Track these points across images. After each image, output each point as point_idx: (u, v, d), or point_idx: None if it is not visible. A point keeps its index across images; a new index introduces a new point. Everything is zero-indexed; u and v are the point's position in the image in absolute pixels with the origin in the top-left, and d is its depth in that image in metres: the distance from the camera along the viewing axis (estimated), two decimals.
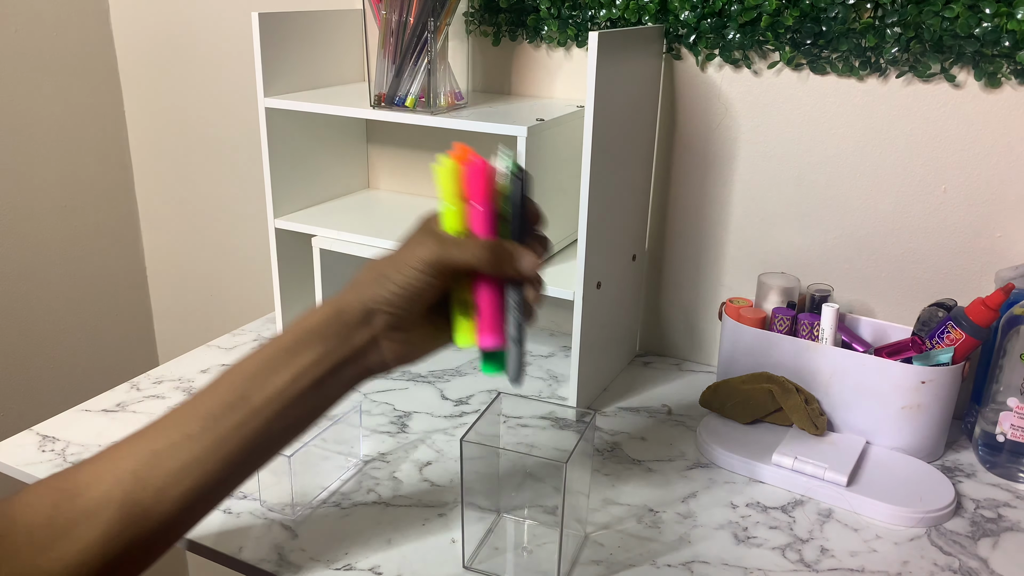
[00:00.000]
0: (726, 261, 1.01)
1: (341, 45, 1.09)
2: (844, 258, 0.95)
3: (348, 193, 1.17)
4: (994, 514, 0.76)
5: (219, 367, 1.01)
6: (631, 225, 0.96)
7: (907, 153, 0.88)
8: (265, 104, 0.98)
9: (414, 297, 0.56)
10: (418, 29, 0.89)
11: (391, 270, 0.56)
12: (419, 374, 1.01)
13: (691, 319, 1.06)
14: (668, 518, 0.75)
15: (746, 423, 0.87)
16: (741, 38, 0.90)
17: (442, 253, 0.56)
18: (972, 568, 0.69)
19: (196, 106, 1.33)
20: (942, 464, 0.84)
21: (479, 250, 0.56)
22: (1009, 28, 0.78)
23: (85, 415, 0.90)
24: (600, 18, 0.96)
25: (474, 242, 0.56)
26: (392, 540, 0.71)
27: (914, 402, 0.80)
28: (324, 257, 1.02)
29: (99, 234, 1.43)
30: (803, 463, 0.79)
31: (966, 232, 0.88)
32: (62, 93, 1.32)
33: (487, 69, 1.07)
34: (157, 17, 1.31)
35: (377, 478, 0.80)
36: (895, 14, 0.82)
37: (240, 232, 1.38)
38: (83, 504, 0.50)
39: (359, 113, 0.94)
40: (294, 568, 0.68)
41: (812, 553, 0.71)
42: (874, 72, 0.87)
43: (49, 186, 1.33)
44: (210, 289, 1.46)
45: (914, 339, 0.83)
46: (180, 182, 1.41)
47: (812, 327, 0.86)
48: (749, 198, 0.97)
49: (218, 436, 0.53)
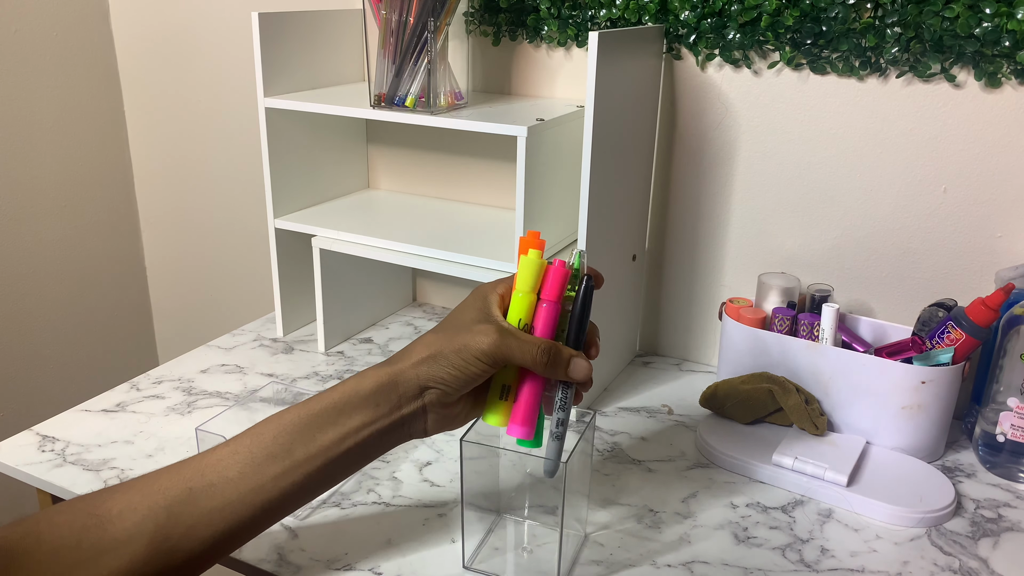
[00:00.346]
0: (726, 261, 1.01)
1: (341, 45, 1.09)
2: (844, 258, 0.95)
3: (348, 193, 1.17)
4: (994, 514, 0.76)
5: (219, 367, 1.01)
6: (631, 225, 0.96)
7: (907, 153, 0.88)
8: (265, 104, 0.98)
9: (468, 381, 0.58)
10: (418, 29, 0.89)
11: (451, 353, 0.58)
12: None
13: (691, 319, 1.05)
14: (668, 518, 0.75)
15: (746, 423, 0.87)
16: (741, 38, 0.90)
17: (503, 348, 0.57)
18: (972, 568, 0.69)
19: (196, 106, 1.33)
20: (942, 464, 0.84)
21: (538, 353, 0.57)
22: (1009, 28, 0.78)
23: (85, 415, 0.90)
24: (600, 18, 0.96)
25: (534, 343, 0.58)
26: (392, 540, 0.71)
27: (914, 402, 0.80)
28: (324, 257, 1.02)
29: (99, 234, 1.43)
30: (803, 463, 0.79)
31: (966, 232, 0.88)
32: (62, 93, 1.32)
33: (487, 69, 1.07)
34: (157, 17, 1.31)
35: (377, 478, 0.80)
36: (895, 14, 0.82)
37: (240, 232, 1.38)
38: (113, 533, 0.51)
39: (359, 113, 0.94)
40: (294, 568, 0.68)
41: (812, 553, 0.71)
42: (874, 72, 0.87)
43: (49, 186, 1.33)
44: (210, 289, 1.46)
45: (914, 339, 0.83)
46: (180, 182, 1.41)
47: (812, 327, 0.86)
48: (749, 198, 0.97)
49: (256, 484, 0.54)
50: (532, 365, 0.58)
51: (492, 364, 0.57)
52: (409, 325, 1.16)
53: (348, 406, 0.57)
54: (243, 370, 1.01)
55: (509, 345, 0.57)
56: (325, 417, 0.57)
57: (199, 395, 0.95)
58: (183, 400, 0.94)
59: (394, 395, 0.58)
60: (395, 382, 0.58)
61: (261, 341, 1.09)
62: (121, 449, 0.84)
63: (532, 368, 0.58)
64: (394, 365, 0.59)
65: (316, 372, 1.01)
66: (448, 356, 0.57)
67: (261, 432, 0.56)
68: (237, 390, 0.96)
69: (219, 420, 0.78)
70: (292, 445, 0.56)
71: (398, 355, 0.60)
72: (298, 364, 1.03)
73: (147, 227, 1.49)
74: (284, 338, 1.10)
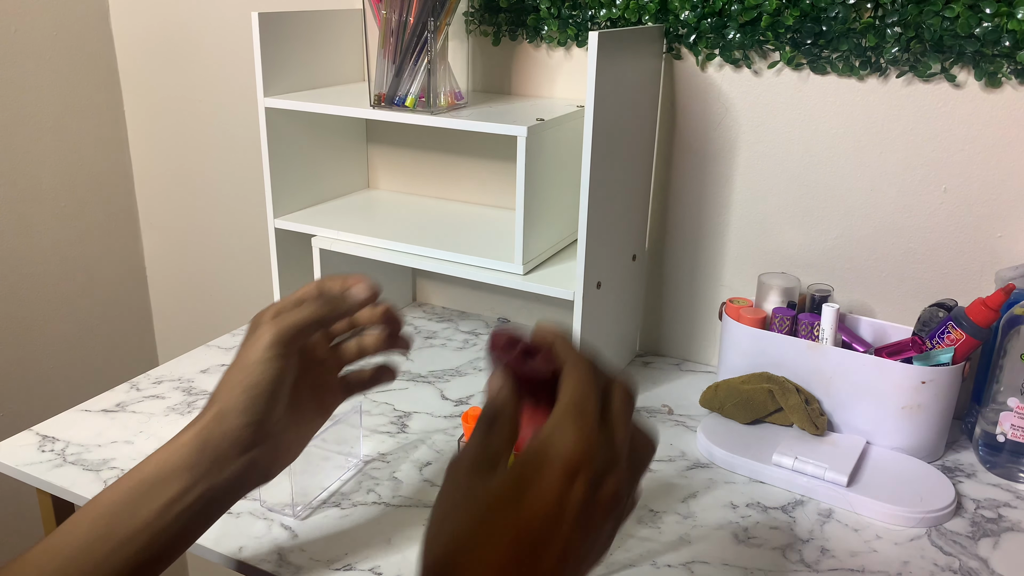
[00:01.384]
0: (726, 261, 1.01)
1: (341, 45, 1.09)
2: (844, 258, 0.95)
3: (348, 193, 1.17)
4: (994, 514, 0.76)
5: (219, 367, 1.01)
6: (631, 225, 0.96)
7: (907, 153, 0.88)
8: (265, 104, 0.98)
9: (269, 391, 0.54)
10: (418, 29, 0.89)
11: (240, 375, 0.54)
12: (419, 374, 1.01)
13: (691, 319, 1.06)
14: (668, 518, 0.75)
15: (746, 423, 0.87)
16: (741, 38, 0.90)
17: (283, 323, 0.54)
18: (972, 568, 0.69)
19: (196, 106, 1.33)
20: (942, 464, 0.84)
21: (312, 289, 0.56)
22: (1009, 28, 0.78)
23: (85, 415, 0.90)
24: (600, 18, 0.96)
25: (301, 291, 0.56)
26: (392, 540, 0.71)
27: (914, 402, 0.80)
28: (324, 257, 1.02)
29: (99, 234, 1.43)
30: (803, 463, 0.79)
31: (966, 232, 0.88)
32: (62, 93, 1.32)
33: (487, 69, 1.07)
34: (157, 17, 1.31)
35: (377, 478, 0.80)
36: (895, 14, 0.82)
37: (240, 232, 1.38)
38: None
39: (359, 113, 0.94)
40: (294, 568, 0.68)
41: (812, 553, 0.71)
42: (874, 72, 0.87)
43: (49, 186, 1.33)
44: (210, 289, 1.46)
45: (914, 339, 0.83)
46: (180, 182, 1.41)
47: (812, 327, 0.86)
48: (749, 198, 0.97)
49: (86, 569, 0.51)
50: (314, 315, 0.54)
51: (283, 351, 0.53)
52: (409, 325, 1.16)
53: (160, 478, 0.53)
54: None
55: (285, 319, 0.54)
56: (140, 492, 0.53)
57: (199, 395, 0.95)
58: (183, 400, 0.94)
59: (207, 454, 0.53)
60: (203, 440, 0.53)
61: None
62: (121, 449, 0.84)
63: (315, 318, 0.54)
64: (199, 421, 0.54)
65: None
66: (238, 381, 0.53)
67: (77, 522, 0.53)
68: None
69: None
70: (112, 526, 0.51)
71: (203, 408, 0.56)
72: None
73: (147, 227, 1.49)
74: None
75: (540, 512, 0.37)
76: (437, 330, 1.14)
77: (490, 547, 0.37)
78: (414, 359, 1.05)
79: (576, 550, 0.38)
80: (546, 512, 0.37)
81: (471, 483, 0.40)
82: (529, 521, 0.37)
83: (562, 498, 0.37)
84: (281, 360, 0.54)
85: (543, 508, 0.37)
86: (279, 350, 0.54)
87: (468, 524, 0.38)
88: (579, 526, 0.38)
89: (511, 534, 0.37)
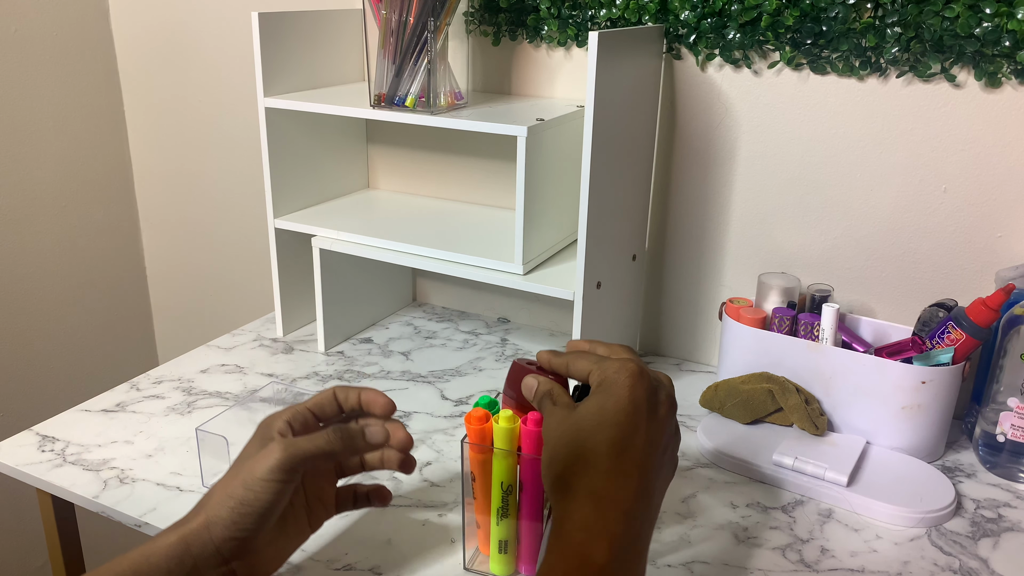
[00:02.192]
0: (726, 261, 1.01)
1: (341, 45, 1.09)
2: (844, 258, 0.95)
3: (348, 193, 1.17)
4: (994, 514, 0.76)
5: (219, 367, 1.01)
6: (631, 225, 0.96)
7: (907, 153, 0.88)
8: (265, 104, 0.98)
9: (264, 513, 0.53)
10: (418, 29, 0.89)
11: (237, 487, 0.53)
12: (419, 374, 1.01)
13: (691, 319, 1.06)
14: (668, 518, 0.75)
15: (746, 423, 0.87)
16: (741, 38, 0.90)
17: (293, 452, 0.54)
18: (972, 568, 0.69)
19: (196, 106, 1.33)
20: (942, 464, 0.84)
21: (330, 435, 0.56)
22: (1009, 28, 0.78)
23: (85, 415, 0.90)
24: (600, 18, 0.96)
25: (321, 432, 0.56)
26: (392, 540, 0.71)
27: (914, 402, 0.80)
28: (324, 257, 1.02)
29: (99, 234, 1.43)
30: (803, 463, 0.79)
31: (966, 232, 0.88)
32: (62, 93, 1.32)
33: (487, 69, 1.07)
34: (157, 17, 1.31)
35: (377, 478, 0.80)
36: (895, 14, 0.82)
37: (240, 232, 1.38)
38: None
39: (359, 113, 0.94)
40: (294, 568, 0.68)
41: (812, 553, 0.71)
42: (874, 72, 0.87)
43: (49, 186, 1.33)
44: (210, 289, 1.46)
45: (914, 339, 0.83)
46: (180, 182, 1.41)
47: (812, 327, 0.86)
48: (749, 198, 0.97)
49: None
50: (328, 448, 0.55)
51: (287, 477, 0.54)
52: (409, 325, 1.16)
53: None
54: (243, 370, 1.01)
55: (297, 446, 0.54)
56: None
57: (199, 395, 0.95)
58: (183, 400, 0.94)
59: (188, 560, 0.52)
60: (187, 544, 0.53)
61: (261, 341, 1.09)
62: (121, 449, 0.84)
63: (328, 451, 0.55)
64: (187, 524, 0.54)
65: (316, 372, 1.01)
66: (234, 494, 0.53)
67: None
68: (237, 390, 0.96)
69: (219, 420, 0.78)
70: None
71: (193, 509, 0.55)
72: (298, 364, 1.03)
73: (147, 227, 1.49)
74: (284, 338, 1.10)
75: (622, 410, 0.50)
76: (437, 330, 1.14)
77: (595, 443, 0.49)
78: (414, 359, 1.05)
79: (656, 439, 0.51)
80: (625, 408, 0.50)
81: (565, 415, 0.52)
82: (615, 415, 0.50)
83: (634, 396, 0.50)
84: (283, 485, 0.54)
85: (623, 407, 0.50)
86: (283, 476, 0.54)
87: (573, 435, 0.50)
88: (653, 418, 0.51)
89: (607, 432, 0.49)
